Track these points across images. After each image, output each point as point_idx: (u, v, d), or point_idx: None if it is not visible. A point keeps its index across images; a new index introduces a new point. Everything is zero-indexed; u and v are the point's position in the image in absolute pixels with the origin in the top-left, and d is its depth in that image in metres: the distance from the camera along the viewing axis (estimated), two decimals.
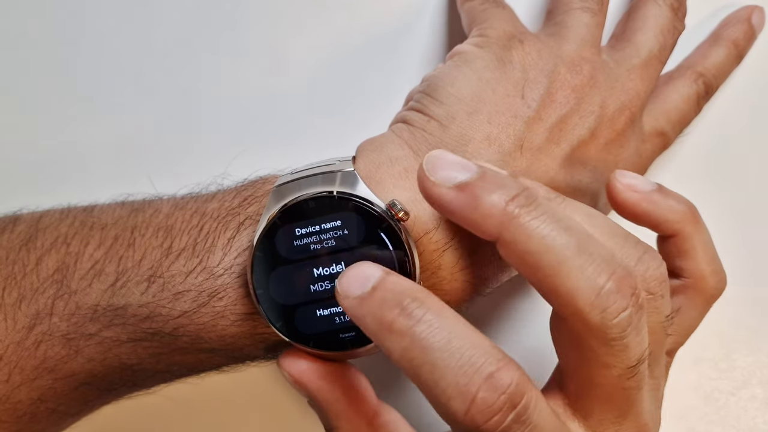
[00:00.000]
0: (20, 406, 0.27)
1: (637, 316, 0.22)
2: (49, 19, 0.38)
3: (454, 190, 0.23)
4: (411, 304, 0.22)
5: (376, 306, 0.22)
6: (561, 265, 0.22)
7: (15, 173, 0.38)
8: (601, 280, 0.22)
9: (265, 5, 0.37)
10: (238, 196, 0.28)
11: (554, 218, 0.22)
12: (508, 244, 0.22)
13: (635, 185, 0.27)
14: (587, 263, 0.22)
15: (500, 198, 0.22)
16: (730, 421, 0.36)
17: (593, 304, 0.22)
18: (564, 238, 0.22)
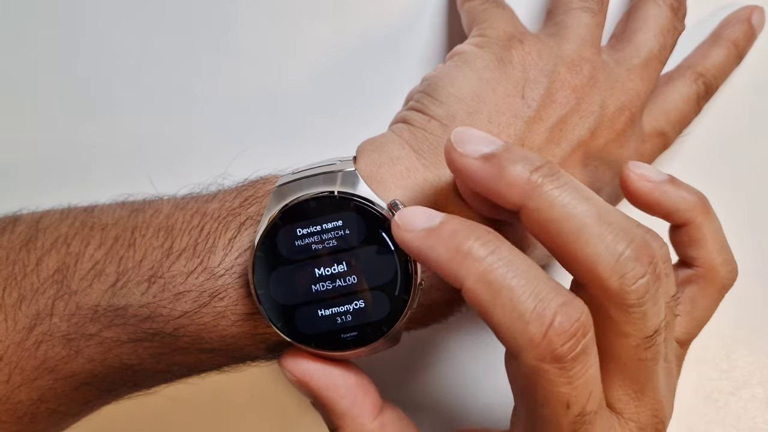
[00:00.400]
0: (20, 406, 0.27)
1: (655, 286, 0.23)
2: (50, 19, 0.38)
3: (480, 161, 0.23)
4: (486, 235, 0.22)
5: (449, 235, 0.22)
6: (581, 233, 0.22)
7: (15, 173, 0.38)
8: (621, 247, 0.22)
9: (265, 5, 0.37)
10: (238, 196, 0.28)
11: (576, 188, 0.23)
12: (531, 212, 0.23)
13: (648, 175, 0.27)
14: (607, 231, 0.22)
15: (524, 168, 0.23)
16: (730, 421, 0.36)
17: (612, 270, 0.22)
18: (585, 206, 0.23)
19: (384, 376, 0.34)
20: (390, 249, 0.26)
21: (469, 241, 0.22)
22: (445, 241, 0.22)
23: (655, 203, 0.27)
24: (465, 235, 0.22)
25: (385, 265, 0.26)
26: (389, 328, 0.26)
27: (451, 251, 0.22)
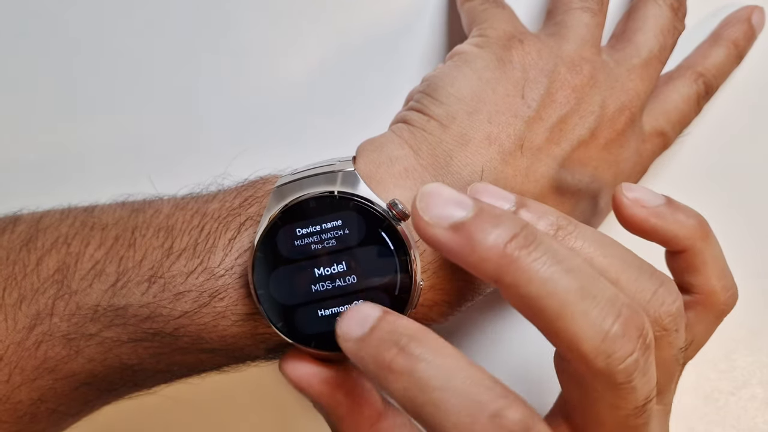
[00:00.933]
0: (20, 406, 0.27)
1: (644, 357, 0.22)
2: (50, 19, 0.38)
3: (449, 231, 0.22)
4: (409, 344, 0.21)
5: (374, 346, 0.22)
6: (564, 309, 0.21)
7: (15, 173, 0.38)
8: (607, 324, 0.21)
9: (265, 5, 0.37)
10: (238, 196, 0.28)
11: (556, 259, 0.21)
12: (508, 287, 0.22)
13: (643, 200, 0.26)
14: (591, 306, 0.21)
15: (498, 239, 0.21)
16: (730, 421, 0.36)
17: (598, 350, 0.21)
18: (566, 281, 0.21)
19: None
20: (390, 249, 0.26)
21: (390, 353, 0.21)
22: (371, 354, 0.22)
23: (651, 231, 0.26)
24: (388, 345, 0.21)
25: (385, 265, 0.26)
26: None
27: (376, 364, 0.22)
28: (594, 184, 0.31)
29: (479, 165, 0.28)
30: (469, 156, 0.28)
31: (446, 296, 0.28)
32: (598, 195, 0.31)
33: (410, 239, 0.26)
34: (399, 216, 0.26)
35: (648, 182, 0.37)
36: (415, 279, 0.26)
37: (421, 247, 0.27)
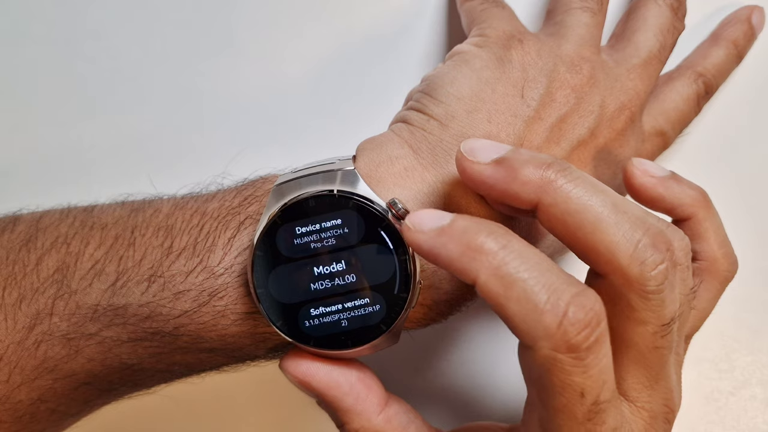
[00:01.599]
0: (20, 406, 0.27)
1: (672, 272, 0.23)
2: (50, 19, 0.38)
3: (492, 166, 0.24)
4: (498, 230, 0.23)
5: (460, 233, 0.23)
6: (599, 223, 0.23)
7: (15, 173, 0.38)
8: (638, 234, 0.23)
9: (265, 5, 0.37)
10: (238, 195, 0.28)
11: (588, 181, 0.24)
12: (548, 208, 0.24)
13: (651, 171, 0.28)
14: (623, 220, 0.23)
15: (537, 166, 0.24)
16: (730, 422, 0.36)
17: (632, 257, 0.23)
18: (600, 197, 0.23)
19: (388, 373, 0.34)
20: (389, 248, 0.26)
21: (480, 237, 0.22)
22: (457, 238, 0.23)
23: (659, 198, 0.28)
24: (476, 230, 0.23)
25: (384, 264, 0.26)
26: (388, 327, 0.26)
27: (463, 247, 0.22)
28: None
29: None
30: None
31: (445, 295, 0.28)
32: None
33: None
34: (398, 215, 0.26)
35: None
36: (414, 278, 0.26)
37: None
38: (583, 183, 0.23)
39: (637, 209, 0.24)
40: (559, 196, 0.23)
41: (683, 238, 0.25)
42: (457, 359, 0.37)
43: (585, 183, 0.24)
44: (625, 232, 0.23)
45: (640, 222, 0.23)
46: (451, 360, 0.37)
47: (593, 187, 0.24)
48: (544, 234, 0.30)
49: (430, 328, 0.30)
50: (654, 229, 0.23)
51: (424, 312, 0.28)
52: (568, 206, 0.23)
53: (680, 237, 0.25)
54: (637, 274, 0.23)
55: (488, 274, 0.22)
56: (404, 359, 0.37)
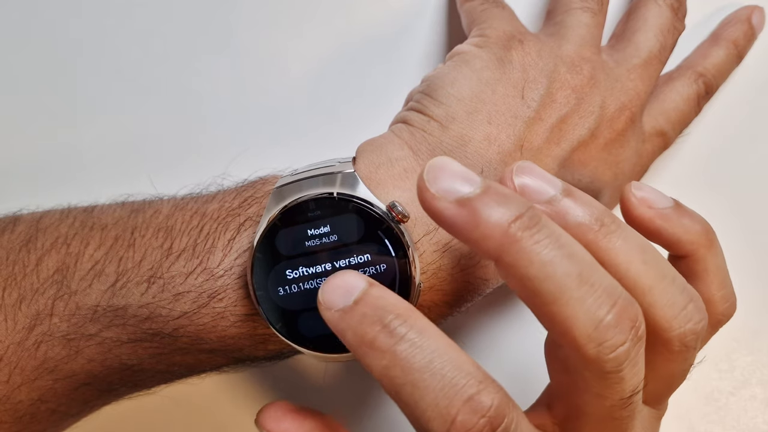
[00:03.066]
0: (20, 406, 0.27)
1: (635, 349, 0.21)
2: (50, 19, 0.38)
3: (454, 205, 0.21)
4: (393, 321, 0.21)
5: (357, 321, 0.21)
6: (561, 294, 0.21)
7: (15, 173, 0.38)
8: (601, 312, 0.21)
9: (265, 5, 0.37)
10: (238, 196, 0.28)
11: (558, 243, 0.21)
12: (507, 267, 0.21)
13: (650, 200, 0.26)
14: (588, 294, 0.21)
15: (502, 217, 0.21)
16: (730, 422, 0.36)
17: (590, 337, 0.21)
18: (566, 265, 0.21)
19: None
20: (388, 250, 0.26)
21: (374, 329, 0.21)
22: (354, 327, 0.21)
23: (656, 231, 0.26)
24: (371, 320, 0.21)
25: (384, 267, 0.26)
26: None
27: (358, 339, 0.21)
28: (594, 184, 0.31)
29: (479, 165, 0.28)
30: (468, 156, 0.28)
31: (445, 297, 0.28)
32: (598, 195, 0.31)
33: (409, 242, 0.26)
34: (398, 218, 0.26)
35: (648, 182, 0.37)
36: (414, 281, 0.26)
37: (420, 249, 0.27)
38: (550, 244, 0.21)
39: (607, 279, 0.21)
40: (520, 258, 0.21)
41: (701, 319, 0.23)
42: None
43: (553, 245, 0.21)
44: (587, 307, 0.21)
45: (607, 296, 0.21)
46: None
47: (561, 251, 0.21)
48: None
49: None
50: (621, 303, 0.21)
51: (423, 313, 0.28)
52: (528, 271, 0.21)
53: (698, 318, 0.23)
54: (593, 355, 0.21)
55: (379, 374, 0.21)
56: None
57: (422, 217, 0.27)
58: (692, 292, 0.24)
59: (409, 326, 0.21)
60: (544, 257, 0.21)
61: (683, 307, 0.23)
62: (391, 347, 0.21)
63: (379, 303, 0.22)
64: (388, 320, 0.21)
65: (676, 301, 0.23)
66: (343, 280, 0.22)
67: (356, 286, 0.22)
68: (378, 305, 0.22)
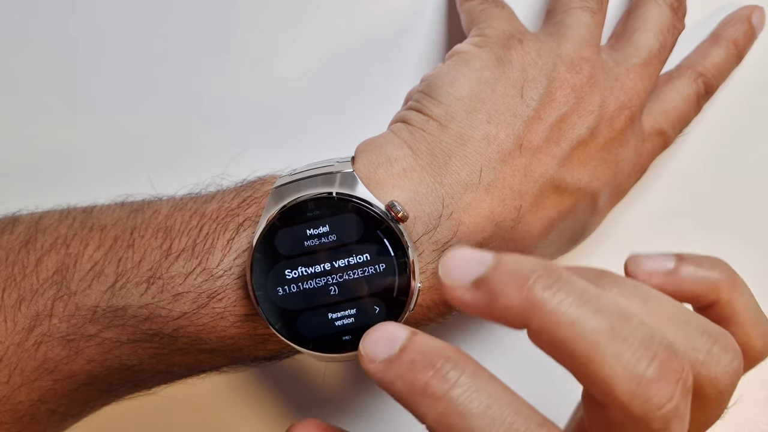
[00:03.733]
0: (20, 407, 0.27)
1: (683, 402, 0.20)
2: (50, 18, 0.38)
3: (471, 290, 0.21)
4: (445, 365, 0.20)
5: (406, 368, 0.21)
6: (594, 353, 0.20)
7: (15, 173, 0.38)
8: (641, 367, 0.19)
9: (265, 5, 0.37)
10: (237, 197, 0.28)
11: (582, 300, 0.20)
12: (537, 334, 0.20)
13: (655, 270, 0.24)
14: (624, 348, 0.20)
15: (520, 285, 0.20)
16: (729, 421, 0.36)
17: (634, 394, 0.19)
18: (595, 322, 0.20)
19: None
20: (388, 250, 0.26)
21: (426, 374, 0.20)
22: (403, 375, 0.20)
23: (674, 294, 0.24)
24: (422, 365, 0.20)
25: (383, 267, 0.26)
26: None
27: (409, 387, 0.20)
28: (593, 184, 0.31)
29: (478, 165, 0.28)
30: (467, 156, 0.28)
31: (445, 297, 0.28)
32: (597, 194, 0.31)
33: (409, 241, 0.26)
34: (397, 217, 0.26)
35: (648, 182, 0.37)
36: (413, 281, 0.26)
37: (420, 248, 0.27)
38: (574, 302, 0.20)
39: (642, 330, 0.20)
40: (547, 321, 0.20)
41: (733, 359, 0.22)
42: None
43: (577, 301, 0.20)
44: (626, 363, 0.19)
45: (645, 348, 0.20)
46: None
47: (587, 307, 0.20)
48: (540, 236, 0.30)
49: (429, 327, 0.30)
50: (662, 355, 0.20)
51: (423, 313, 0.28)
52: (557, 333, 0.20)
53: (729, 359, 0.22)
54: (639, 413, 0.20)
55: (434, 422, 0.20)
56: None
57: (421, 217, 0.27)
58: (717, 332, 0.22)
59: (461, 370, 0.20)
60: (570, 316, 0.20)
61: (708, 351, 0.22)
62: (445, 392, 0.20)
63: (427, 348, 0.21)
64: (439, 365, 0.20)
65: (697, 345, 0.22)
66: (385, 331, 0.22)
67: (399, 336, 0.21)
68: (425, 350, 0.21)
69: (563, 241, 0.32)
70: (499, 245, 0.28)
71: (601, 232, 0.36)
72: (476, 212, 0.28)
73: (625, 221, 0.37)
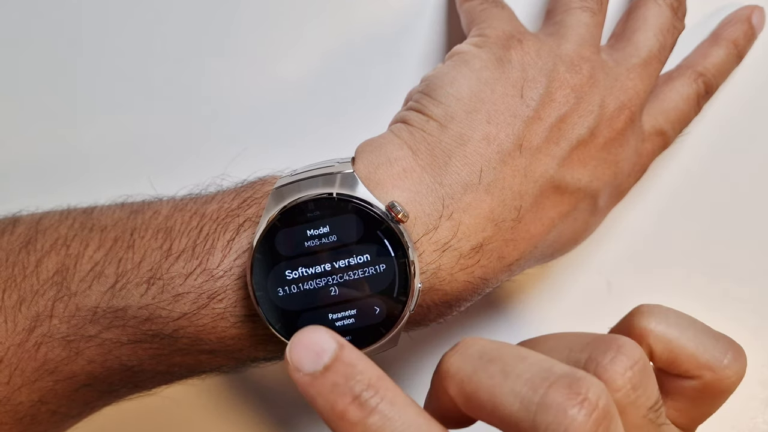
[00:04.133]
0: (21, 408, 0.27)
1: (604, 426, 0.20)
2: (50, 19, 0.38)
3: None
4: (365, 393, 0.21)
5: (328, 390, 0.21)
6: (494, 397, 0.21)
7: (15, 174, 0.38)
8: (536, 396, 0.20)
9: (265, 6, 0.37)
10: (237, 197, 0.28)
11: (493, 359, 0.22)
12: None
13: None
14: (518, 384, 0.21)
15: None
16: (729, 421, 0.36)
17: (534, 423, 0.20)
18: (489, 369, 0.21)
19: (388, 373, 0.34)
20: (388, 251, 0.26)
21: (344, 401, 0.21)
22: (325, 395, 0.21)
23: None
24: (342, 390, 0.21)
25: (384, 267, 0.26)
26: (388, 330, 0.26)
27: (329, 407, 0.21)
28: (593, 184, 0.31)
29: (478, 165, 0.28)
30: (467, 156, 0.28)
31: (445, 297, 0.28)
32: (597, 194, 0.31)
33: (409, 242, 0.26)
34: (398, 218, 0.26)
35: (648, 182, 0.37)
36: (413, 281, 0.26)
37: (420, 249, 0.27)
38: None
39: (534, 365, 0.21)
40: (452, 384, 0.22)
41: (620, 359, 0.22)
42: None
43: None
44: (522, 396, 0.20)
45: (541, 378, 0.20)
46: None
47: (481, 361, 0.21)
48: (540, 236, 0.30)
49: (430, 327, 0.30)
50: (561, 383, 0.20)
51: (423, 313, 0.28)
52: (466, 387, 0.21)
53: (615, 359, 0.22)
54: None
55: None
56: (404, 359, 0.37)
57: (421, 217, 0.27)
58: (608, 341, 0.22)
59: (380, 397, 0.21)
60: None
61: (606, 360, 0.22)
62: (362, 420, 0.21)
63: (350, 371, 0.21)
64: (358, 391, 0.21)
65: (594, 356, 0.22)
66: (311, 341, 0.22)
67: (326, 349, 0.22)
68: (348, 374, 0.21)
69: (563, 241, 0.32)
70: (499, 245, 0.28)
71: (601, 232, 0.36)
72: (476, 212, 0.28)
73: (625, 221, 0.37)
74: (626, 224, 0.37)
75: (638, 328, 0.24)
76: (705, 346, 0.24)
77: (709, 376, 0.24)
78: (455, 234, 0.27)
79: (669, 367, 0.24)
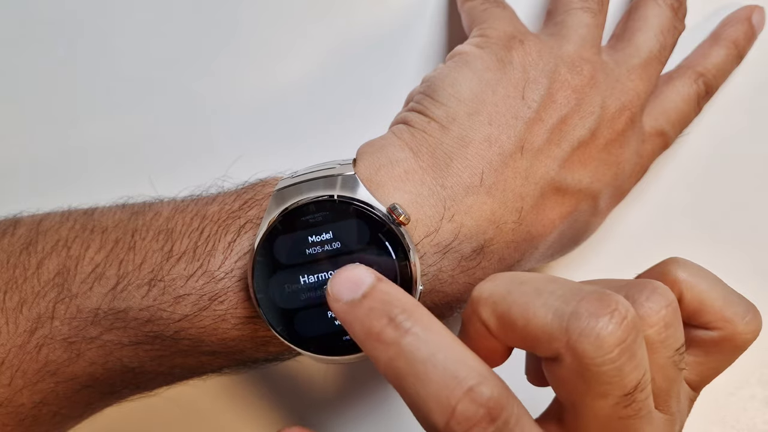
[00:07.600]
0: (22, 409, 0.27)
1: (632, 335, 0.21)
2: (50, 19, 0.38)
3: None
4: (400, 316, 0.22)
5: (365, 314, 0.22)
6: (526, 311, 0.22)
7: (15, 175, 0.38)
8: (568, 307, 0.21)
9: (266, 7, 0.37)
10: (238, 199, 0.28)
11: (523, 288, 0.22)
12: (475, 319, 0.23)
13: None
14: (551, 299, 0.22)
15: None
16: (729, 421, 0.36)
17: (568, 330, 0.21)
18: (521, 288, 0.22)
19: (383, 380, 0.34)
20: (389, 253, 0.26)
21: (381, 322, 0.22)
22: (361, 320, 0.22)
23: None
24: (380, 313, 0.22)
25: (385, 269, 0.26)
26: None
27: (365, 331, 0.22)
28: (594, 185, 0.31)
29: (479, 167, 0.28)
30: (469, 158, 0.28)
31: (446, 298, 0.28)
32: (598, 195, 0.31)
33: (410, 244, 0.26)
34: (399, 220, 0.26)
35: (648, 182, 0.37)
36: (415, 283, 0.26)
37: (421, 251, 0.27)
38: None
39: (567, 286, 0.22)
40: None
41: (656, 297, 0.23)
42: None
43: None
44: (555, 308, 0.21)
45: (572, 294, 0.21)
46: None
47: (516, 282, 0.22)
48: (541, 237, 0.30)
49: None
50: (592, 296, 0.21)
51: None
52: (499, 307, 0.22)
53: (651, 297, 0.23)
54: (580, 351, 0.21)
55: (384, 365, 0.22)
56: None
57: (423, 219, 0.27)
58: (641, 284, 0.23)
59: (414, 321, 0.22)
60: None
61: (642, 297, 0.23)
62: (396, 340, 0.21)
63: (387, 298, 0.22)
64: (394, 314, 0.22)
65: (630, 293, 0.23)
66: (353, 273, 0.23)
67: (364, 281, 0.23)
68: (385, 300, 0.22)
69: (564, 242, 0.32)
70: (500, 247, 0.28)
71: (601, 233, 0.36)
72: (478, 214, 0.28)
73: (626, 221, 0.37)
74: (626, 224, 0.37)
75: (671, 276, 0.25)
76: (731, 302, 0.25)
77: (729, 329, 0.25)
78: (456, 236, 0.27)
79: (693, 316, 0.25)
